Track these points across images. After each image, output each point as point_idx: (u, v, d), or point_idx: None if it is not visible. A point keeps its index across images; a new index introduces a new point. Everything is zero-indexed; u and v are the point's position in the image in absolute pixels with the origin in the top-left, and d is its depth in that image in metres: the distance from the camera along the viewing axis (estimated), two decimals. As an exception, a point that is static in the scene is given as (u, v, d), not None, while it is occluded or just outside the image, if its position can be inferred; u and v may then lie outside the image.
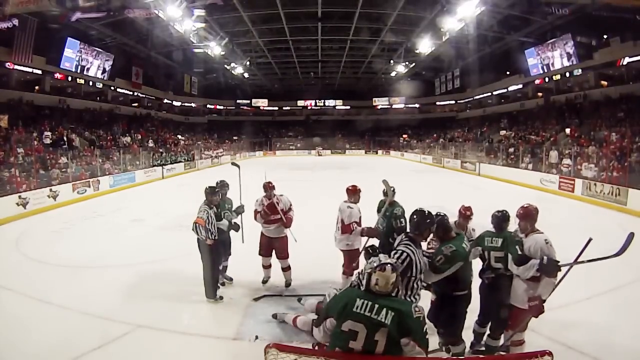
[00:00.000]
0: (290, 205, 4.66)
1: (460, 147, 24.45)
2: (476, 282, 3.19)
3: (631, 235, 2.58)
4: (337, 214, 4.27)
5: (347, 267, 4.23)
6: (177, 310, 4.15)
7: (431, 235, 3.02)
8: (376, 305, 1.84)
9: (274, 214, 4.49)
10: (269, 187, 4.59)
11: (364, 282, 1.98)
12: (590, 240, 2.58)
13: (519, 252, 2.85)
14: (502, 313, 3.01)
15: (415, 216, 2.74)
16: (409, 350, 1.84)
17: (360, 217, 4.14)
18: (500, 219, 3.09)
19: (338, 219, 4.22)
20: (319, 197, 10.23)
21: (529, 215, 2.91)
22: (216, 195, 4.34)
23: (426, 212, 2.74)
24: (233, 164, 5.33)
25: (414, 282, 2.61)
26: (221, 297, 4.31)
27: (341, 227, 4.14)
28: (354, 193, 4.27)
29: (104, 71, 21.97)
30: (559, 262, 2.68)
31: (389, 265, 1.96)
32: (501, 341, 3.12)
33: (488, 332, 3.19)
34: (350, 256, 4.18)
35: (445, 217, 2.90)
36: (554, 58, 19.99)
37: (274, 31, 22.71)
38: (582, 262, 2.64)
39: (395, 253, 2.60)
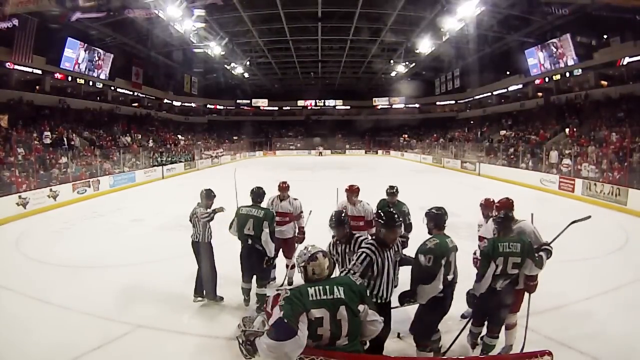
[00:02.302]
0: (301, 211, 4.62)
1: (460, 147, 24.45)
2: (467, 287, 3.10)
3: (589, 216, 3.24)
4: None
5: None
6: (177, 310, 4.14)
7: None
8: (327, 286, 1.88)
9: (285, 216, 4.50)
10: (283, 188, 4.50)
11: (302, 275, 2.00)
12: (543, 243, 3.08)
13: (536, 256, 2.92)
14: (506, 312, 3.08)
15: (382, 216, 2.71)
16: (367, 317, 1.93)
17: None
18: (507, 220, 3.00)
19: None
20: (319, 198, 10.22)
21: (507, 205, 3.30)
22: (212, 200, 4.26)
23: (394, 212, 2.79)
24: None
25: (376, 280, 2.62)
26: (221, 297, 4.30)
27: None
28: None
29: (102, 71, 21.94)
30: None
31: (319, 253, 1.99)
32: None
33: (485, 330, 3.13)
34: None
35: (440, 212, 2.88)
36: (554, 58, 19.99)
37: (274, 31, 22.69)
38: (558, 235, 3.12)
39: (355, 254, 2.62)
